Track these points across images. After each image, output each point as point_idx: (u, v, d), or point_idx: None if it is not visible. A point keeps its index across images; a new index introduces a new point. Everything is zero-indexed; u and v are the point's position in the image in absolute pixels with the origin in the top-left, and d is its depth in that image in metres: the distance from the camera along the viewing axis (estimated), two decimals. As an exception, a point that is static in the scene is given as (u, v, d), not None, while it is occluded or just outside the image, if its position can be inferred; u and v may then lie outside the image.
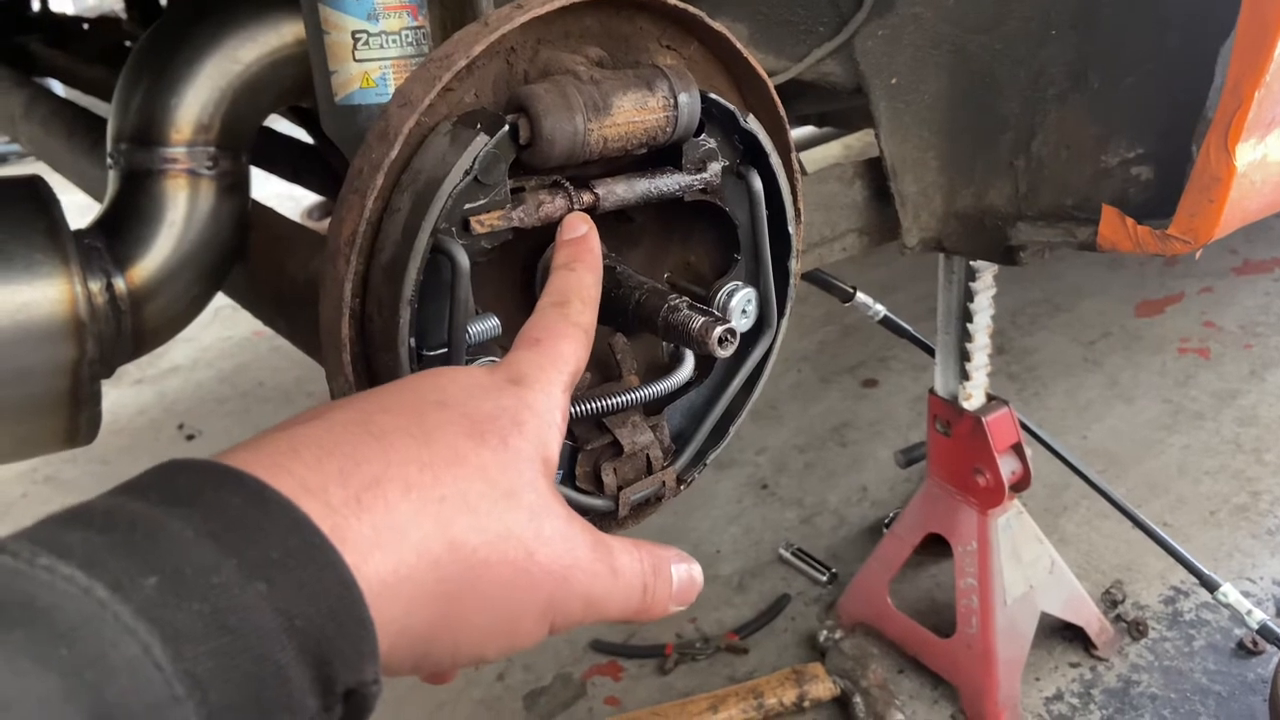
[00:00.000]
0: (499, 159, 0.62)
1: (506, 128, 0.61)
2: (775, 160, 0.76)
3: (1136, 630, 1.83)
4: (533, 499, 0.46)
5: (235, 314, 3.65)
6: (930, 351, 1.66)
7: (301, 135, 1.66)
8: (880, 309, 1.62)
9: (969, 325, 1.55)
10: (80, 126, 1.67)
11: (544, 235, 0.73)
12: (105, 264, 1.05)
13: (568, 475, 0.74)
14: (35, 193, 1.00)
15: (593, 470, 0.74)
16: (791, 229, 0.79)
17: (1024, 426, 1.67)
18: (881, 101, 1.20)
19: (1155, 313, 3.00)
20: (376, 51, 0.86)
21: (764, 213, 0.76)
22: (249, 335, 3.66)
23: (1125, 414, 2.51)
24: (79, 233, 1.05)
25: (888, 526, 2.16)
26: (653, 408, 0.77)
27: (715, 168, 0.73)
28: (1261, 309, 2.96)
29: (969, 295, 1.53)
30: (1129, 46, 1.05)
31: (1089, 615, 1.80)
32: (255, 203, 1.24)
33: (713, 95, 0.70)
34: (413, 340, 0.61)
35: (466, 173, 0.60)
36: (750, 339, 0.80)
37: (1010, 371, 2.76)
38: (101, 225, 1.08)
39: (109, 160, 1.11)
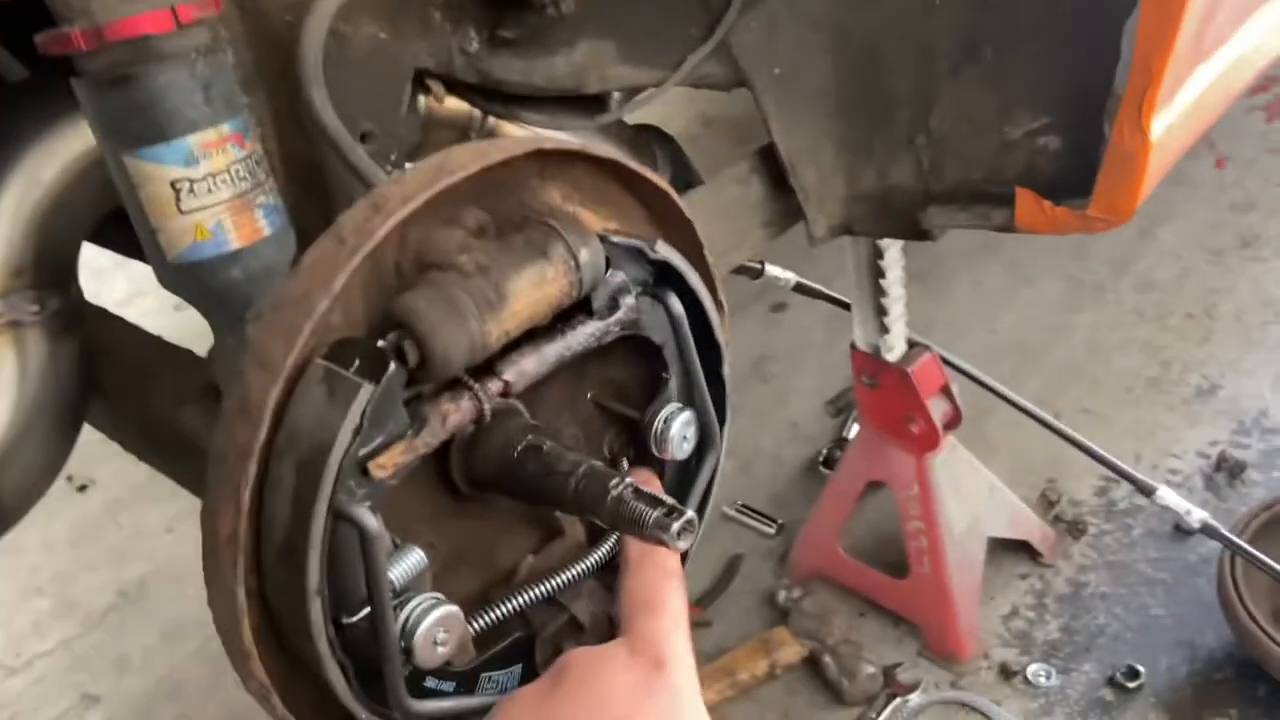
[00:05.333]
0: (389, 395, 0.52)
1: (390, 368, 0.51)
2: (693, 278, 0.67)
3: (1076, 530, 1.88)
4: None
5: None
6: (847, 306, 1.62)
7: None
8: (791, 277, 1.57)
9: (882, 281, 1.51)
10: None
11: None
12: (-62, 453, 0.91)
13: (526, 668, 0.67)
14: None
15: (554, 653, 0.67)
16: (719, 335, 0.72)
17: (946, 362, 1.65)
18: (766, 95, 1.11)
19: (1039, 182, 3.01)
20: (205, 198, 0.73)
21: (689, 332, 0.68)
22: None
23: (1030, 299, 2.54)
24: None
25: (823, 464, 2.16)
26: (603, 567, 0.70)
27: (629, 301, 0.65)
28: (1138, 160, 3.00)
29: (878, 253, 1.48)
30: (1019, 16, 0.98)
31: (1030, 527, 1.83)
32: (106, 315, 1.10)
33: (614, 238, 0.61)
34: (330, 628, 0.52)
35: (356, 431, 0.50)
36: (695, 460, 0.73)
37: (913, 271, 2.74)
38: (-80, 407, 0.93)
39: (-88, 327, 0.95)
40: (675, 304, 0.67)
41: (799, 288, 1.60)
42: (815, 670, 1.75)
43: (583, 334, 0.63)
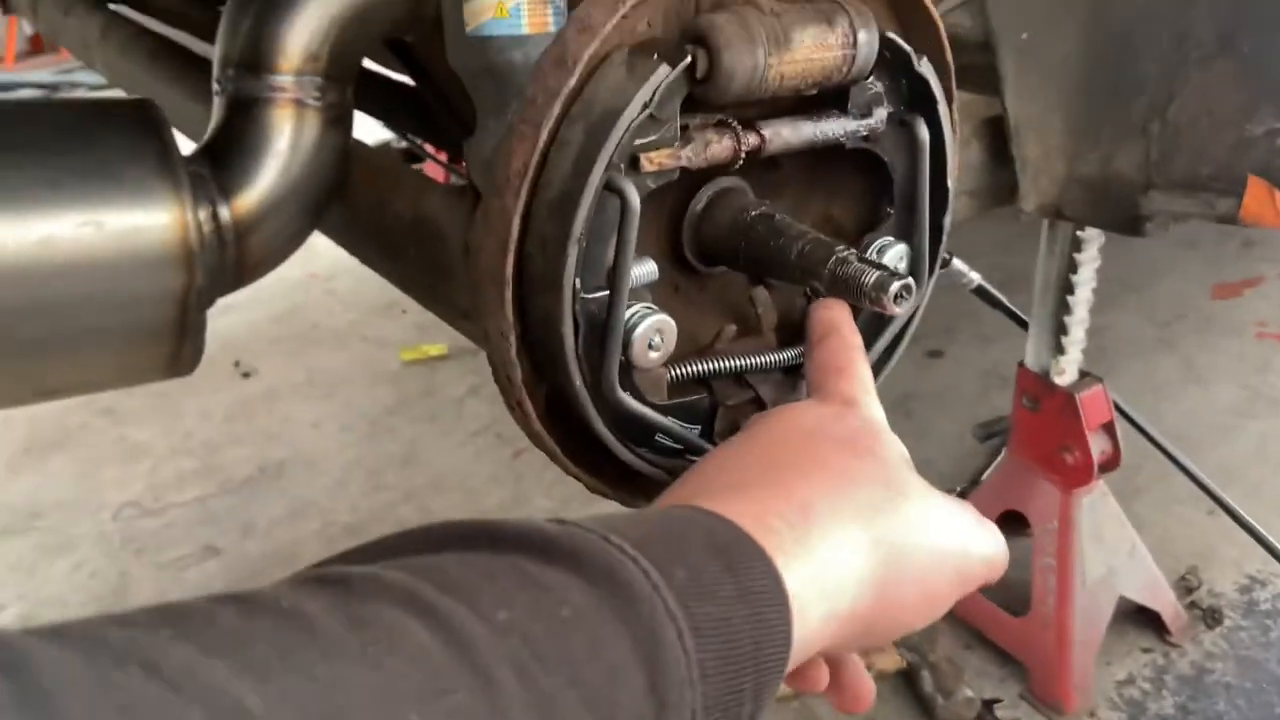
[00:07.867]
0: (674, 93, 0.58)
1: (688, 59, 0.57)
2: (943, 109, 0.71)
3: (1211, 618, 1.79)
4: (917, 490, 0.54)
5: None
6: (1023, 323, 1.61)
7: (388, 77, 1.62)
8: (975, 277, 1.57)
9: (1069, 298, 1.50)
10: (163, 53, 1.65)
11: (692, 183, 0.70)
12: (211, 192, 1.02)
13: (705, 431, 0.71)
14: (146, 115, 0.98)
15: (731, 426, 0.71)
16: (951, 182, 0.75)
17: (1116, 407, 1.62)
18: (1009, 58, 1.15)
19: (1232, 295, 2.91)
20: (512, -21, 0.82)
21: (927, 164, 0.72)
22: (303, 277, 3.65)
23: (1200, 398, 2.45)
24: (185, 158, 1.03)
25: (955, 500, 2.13)
26: (792, 368, 0.74)
27: (880, 114, 0.69)
28: (1344, 297, 2.87)
29: (1072, 266, 1.48)
30: (1289, 8, 0.99)
31: (1165, 601, 1.76)
32: (355, 140, 1.21)
33: (890, 35, 0.66)
34: (577, 281, 0.58)
35: (645, 106, 0.56)
36: (895, 300, 0.76)
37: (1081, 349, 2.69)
38: (206, 152, 1.05)
39: (215, 86, 1.08)
40: (922, 130, 0.71)
41: (979, 291, 1.60)
42: (910, 684, 1.71)
43: (834, 124, 0.67)
